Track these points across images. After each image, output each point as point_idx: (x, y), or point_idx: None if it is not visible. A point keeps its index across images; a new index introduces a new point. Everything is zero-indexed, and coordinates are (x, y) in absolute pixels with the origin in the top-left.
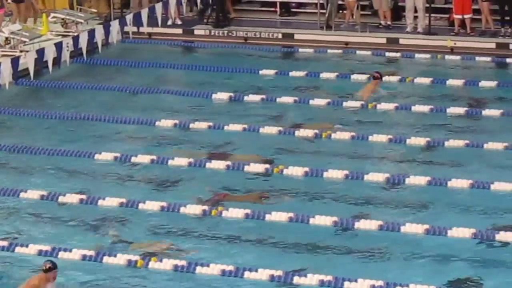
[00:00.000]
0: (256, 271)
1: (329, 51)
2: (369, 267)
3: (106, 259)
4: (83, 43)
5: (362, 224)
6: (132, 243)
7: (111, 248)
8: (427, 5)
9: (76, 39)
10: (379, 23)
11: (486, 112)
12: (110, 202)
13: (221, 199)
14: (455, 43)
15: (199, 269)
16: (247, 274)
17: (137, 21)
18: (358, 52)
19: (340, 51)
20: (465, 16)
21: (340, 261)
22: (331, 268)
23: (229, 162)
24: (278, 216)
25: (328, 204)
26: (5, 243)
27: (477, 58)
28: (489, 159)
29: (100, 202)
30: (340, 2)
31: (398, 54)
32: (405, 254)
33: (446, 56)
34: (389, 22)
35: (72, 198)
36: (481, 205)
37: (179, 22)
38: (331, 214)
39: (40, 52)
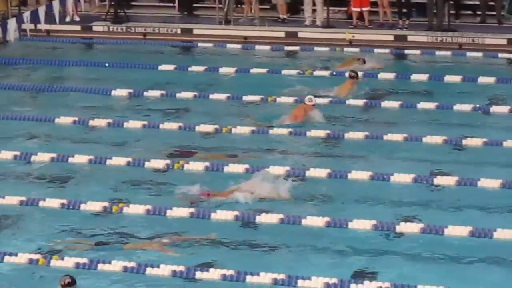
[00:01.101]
0: (159, 267)
1: (228, 45)
2: (272, 260)
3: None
4: None
5: (264, 218)
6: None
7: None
8: None
9: None
10: (277, 17)
11: (385, 103)
12: (10, 200)
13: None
14: (353, 36)
15: (101, 266)
16: (149, 270)
17: (35, 19)
18: (257, 46)
19: (239, 45)
20: (363, 9)
21: (242, 255)
22: (232, 262)
23: (129, 159)
24: (179, 212)
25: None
26: None
27: (376, 50)
28: (388, 151)
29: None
30: None
31: (297, 48)
32: (306, 246)
33: (345, 49)
34: (284, 16)
35: None
36: (381, 196)
37: (77, 18)
38: (232, 209)
39: None
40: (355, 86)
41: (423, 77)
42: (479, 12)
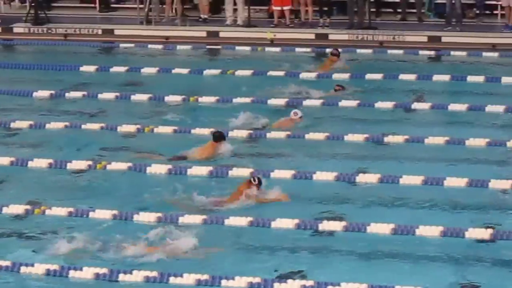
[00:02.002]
0: (81, 269)
1: (149, 46)
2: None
3: None
4: None
5: (187, 219)
6: None
7: None
8: None
9: None
10: (199, 16)
11: (307, 102)
12: None
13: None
14: (275, 35)
15: (23, 269)
16: (72, 273)
17: None
18: (179, 46)
19: (160, 46)
20: (284, 8)
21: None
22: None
23: (51, 160)
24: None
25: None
26: None
27: (297, 49)
28: (311, 150)
29: None
30: None
31: (219, 47)
32: (231, 247)
33: (267, 48)
34: (206, 16)
35: None
36: (304, 194)
37: None
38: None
39: None
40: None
41: (345, 75)
42: (399, 10)
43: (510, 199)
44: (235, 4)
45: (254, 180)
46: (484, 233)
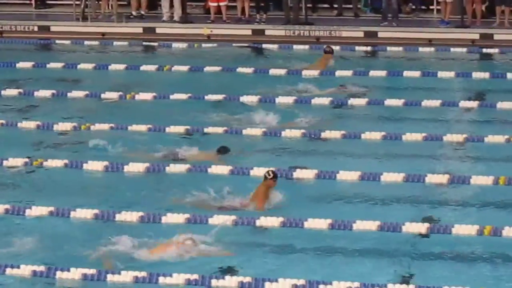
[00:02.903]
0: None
1: (86, 42)
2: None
3: None
4: None
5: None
6: None
7: None
8: None
9: None
10: (130, 13)
11: (244, 98)
12: None
13: None
14: (211, 31)
15: None
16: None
17: None
18: (115, 42)
19: (97, 42)
20: (221, 4)
21: None
22: None
23: None
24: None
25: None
26: None
27: (234, 45)
28: (248, 145)
29: None
30: None
31: (155, 44)
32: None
33: (203, 44)
34: (142, 12)
35: None
36: (241, 191)
37: None
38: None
39: None
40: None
41: (281, 71)
42: (335, 6)
43: (446, 193)
44: (171, 0)
45: (269, 175)
46: (421, 227)
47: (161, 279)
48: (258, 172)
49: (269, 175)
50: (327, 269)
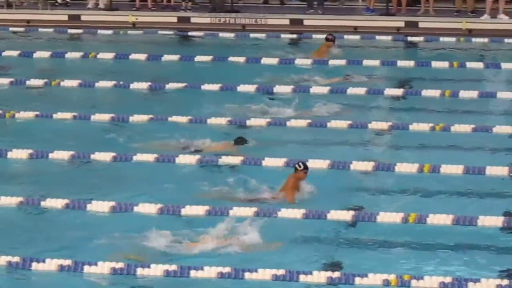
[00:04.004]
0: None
1: (11, 29)
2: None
3: None
4: None
5: (49, 203)
6: None
7: None
8: None
9: None
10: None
11: (170, 85)
12: None
13: None
14: (137, 19)
15: None
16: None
17: None
18: (40, 29)
19: (22, 29)
20: None
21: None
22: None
23: None
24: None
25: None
26: None
27: (160, 32)
28: (173, 133)
29: None
30: None
31: (80, 31)
32: (89, 234)
33: (129, 32)
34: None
35: None
36: (166, 180)
37: None
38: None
39: None
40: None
41: (207, 58)
42: None
43: (371, 181)
44: None
45: (300, 166)
46: (346, 215)
47: (193, 273)
48: (184, 159)
49: (300, 166)
50: (256, 255)
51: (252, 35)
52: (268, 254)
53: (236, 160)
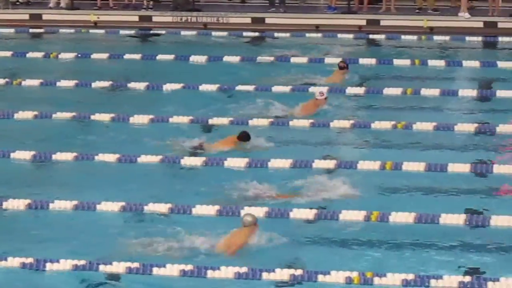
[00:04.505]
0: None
1: None
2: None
3: None
4: None
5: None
6: None
7: None
8: None
9: None
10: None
11: (131, 84)
12: None
13: None
14: (98, 17)
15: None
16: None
17: None
18: (1, 29)
19: None
20: None
21: None
22: None
23: None
24: None
25: None
26: None
27: (121, 31)
28: (135, 133)
29: None
30: None
31: (42, 30)
32: (53, 233)
33: (91, 31)
34: None
35: None
36: (129, 178)
37: None
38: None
39: None
40: (345, 76)
41: (169, 57)
42: None
43: (334, 179)
44: None
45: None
46: (309, 214)
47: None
48: (147, 159)
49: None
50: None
51: (214, 33)
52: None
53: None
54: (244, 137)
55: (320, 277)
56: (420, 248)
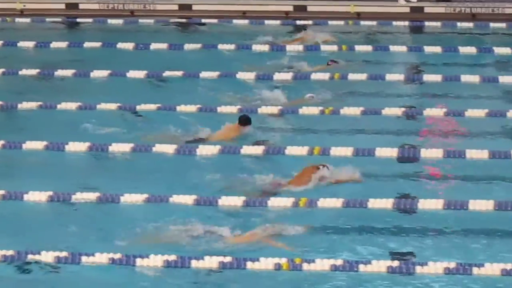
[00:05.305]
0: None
1: None
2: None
3: None
4: None
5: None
6: None
7: None
8: None
9: None
10: None
11: (59, 72)
12: None
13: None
14: (24, 5)
15: None
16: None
17: None
18: None
19: None
20: None
21: None
22: None
23: None
24: None
25: None
26: None
27: (48, 19)
28: (64, 121)
29: None
30: None
31: None
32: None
33: (16, 19)
34: None
35: None
36: (57, 167)
37: None
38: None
39: None
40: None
41: (96, 44)
42: None
43: (263, 165)
44: None
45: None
46: (237, 201)
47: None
48: (74, 147)
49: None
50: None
51: (141, 20)
52: None
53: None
54: (246, 120)
55: (249, 264)
56: (348, 234)
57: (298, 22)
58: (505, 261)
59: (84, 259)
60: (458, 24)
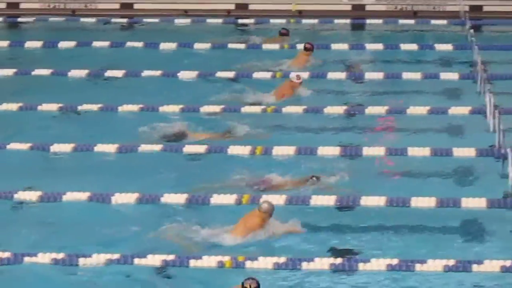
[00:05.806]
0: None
1: None
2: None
3: None
4: None
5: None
6: None
7: None
8: None
9: None
10: None
11: (0, 72)
12: None
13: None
14: None
15: None
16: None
17: None
18: None
19: None
20: None
21: None
22: None
23: None
24: None
25: None
26: None
27: None
28: (2, 122)
29: None
30: None
31: None
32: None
33: None
34: None
35: None
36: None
37: None
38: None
39: None
40: (310, 58)
41: (38, 44)
42: None
43: (204, 164)
44: None
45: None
46: (179, 198)
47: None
48: (16, 146)
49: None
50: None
51: (82, 19)
52: None
53: None
54: None
55: (192, 262)
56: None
57: (240, 21)
58: (447, 257)
59: (26, 259)
60: (400, 21)
